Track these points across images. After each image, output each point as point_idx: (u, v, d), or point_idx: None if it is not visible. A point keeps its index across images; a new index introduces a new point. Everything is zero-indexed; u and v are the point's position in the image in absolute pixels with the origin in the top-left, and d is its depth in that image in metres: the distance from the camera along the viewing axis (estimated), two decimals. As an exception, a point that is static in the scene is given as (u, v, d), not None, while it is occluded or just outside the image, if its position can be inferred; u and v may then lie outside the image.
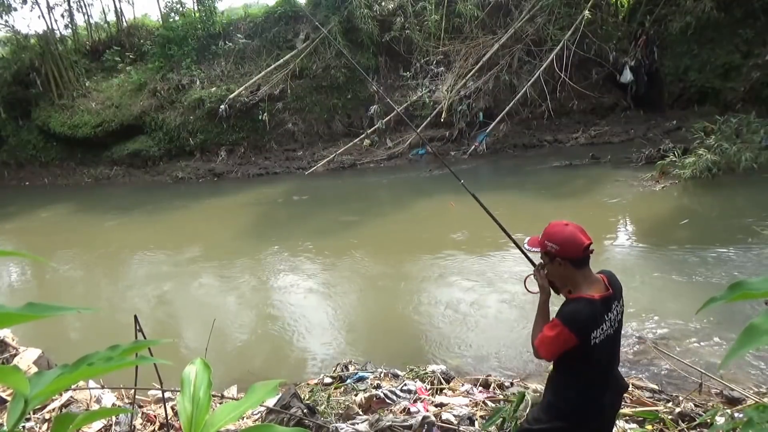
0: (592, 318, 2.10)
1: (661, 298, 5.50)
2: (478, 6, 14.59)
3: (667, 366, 4.28)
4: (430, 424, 3.30)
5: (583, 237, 2.16)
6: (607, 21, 14.26)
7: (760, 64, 12.23)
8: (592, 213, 8.52)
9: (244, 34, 16.55)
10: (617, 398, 2.40)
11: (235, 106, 15.11)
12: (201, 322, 6.29)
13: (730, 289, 0.68)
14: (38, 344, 5.25)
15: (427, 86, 14.64)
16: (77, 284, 8.56)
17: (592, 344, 2.09)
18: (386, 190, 12.16)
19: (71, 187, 16.65)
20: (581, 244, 2.15)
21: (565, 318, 2.12)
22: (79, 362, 0.73)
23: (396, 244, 8.38)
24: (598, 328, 2.11)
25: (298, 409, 3.38)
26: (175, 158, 16.19)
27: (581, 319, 2.10)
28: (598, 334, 2.11)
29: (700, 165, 8.84)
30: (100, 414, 1.85)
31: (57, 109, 17.24)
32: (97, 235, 11.11)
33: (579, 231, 2.18)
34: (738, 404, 3.51)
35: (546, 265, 2.28)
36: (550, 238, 2.20)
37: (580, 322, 2.09)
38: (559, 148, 13.27)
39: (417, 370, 4.38)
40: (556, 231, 2.20)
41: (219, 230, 10.45)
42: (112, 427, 3.74)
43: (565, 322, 2.11)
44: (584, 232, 2.19)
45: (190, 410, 0.89)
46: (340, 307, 6.38)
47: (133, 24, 19.58)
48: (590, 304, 2.12)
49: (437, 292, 6.32)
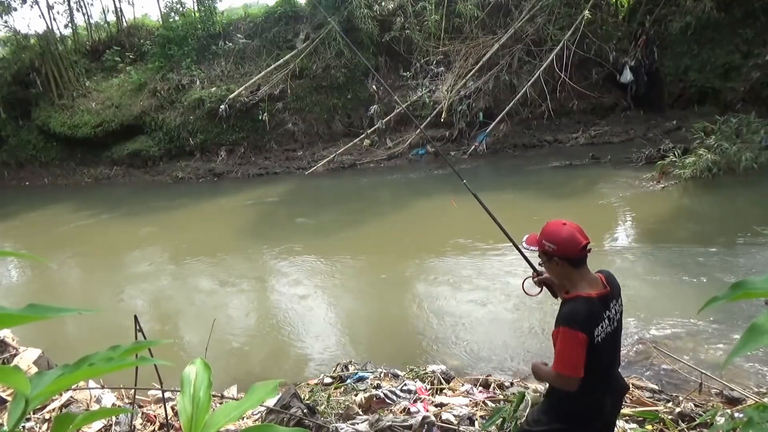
0: (592, 315, 2.09)
1: (661, 297, 5.50)
2: (478, 6, 14.59)
3: (667, 366, 4.28)
4: (430, 424, 3.30)
5: (581, 237, 2.16)
6: (607, 21, 14.27)
7: (760, 64, 12.23)
8: (592, 213, 8.52)
9: (244, 34, 16.55)
10: (618, 399, 2.39)
11: (235, 106, 15.11)
12: (201, 322, 6.29)
13: (732, 288, 0.68)
14: (38, 344, 5.25)
15: (427, 86, 14.64)
16: (77, 284, 8.56)
17: (595, 342, 2.07)
18: (386, 190, 12.16)
19: (71, 187, 16.66)
20: (579, 243, 2.14)
21: (565, 321, 2.10)
22: (79, 362, 0.73)
23: (396, 244, 8.38)
24: (598, 325, 2.09)
25: (298, 409, 3.38)
26: (175, 158, 16.19)
27: (581, 317, 2.08)
28: (599, 332, 2.09)
29: (700, 165, 8.84)
30: (101, 414, 1.85)
31: (57, 109, 17.24)
32: (96, 235, 11.10)
33: (577, 231, 2.18)
34: (738, 404, 3.50)
35: (543, 264, 2.28)
36: (548, 237, 2.19)
37: (581, 320, 2.07)
38: (559, 148, 13.27)
39: (417, 370, 4.38)
40: (554, 230, 2.19)
41: (219, 230, 10.44)
42: (112, 427, 3.74)
43: (567, 324, 2.08)
44: (582, 232, 2.18)
45: (190, 410, 0.89)
46: (340, 307, 6.38)
47: (133, 24, 19.60)
48: (588, 301, 2.10)
49: (437, 292, 6.31)
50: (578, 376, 2.06)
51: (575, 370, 2.05)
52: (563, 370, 2.09)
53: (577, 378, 2.06)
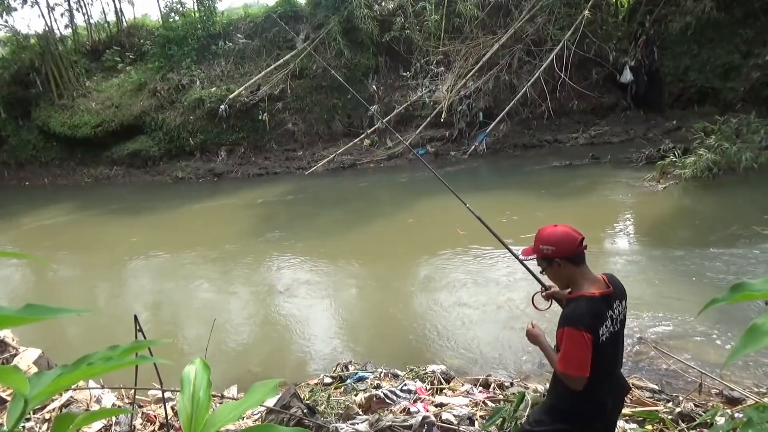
0: (595, 314, 2.08)
1: (661, 298, 5.49)
2: (478, 6, 14.59)
3: (666, 366, 4.28)
4: (430, 424, 3.30)
5: (575, 233, 2.19)
6: (607, 21, 14.27)
7: (760, 64, 12.23)
8: (592, 213, 8.51)
9: (244, 34, 16.55)
10: (619, 400, 2.39)
11: (235, 106, 15.11)
12: (201, 322, 6.29)
13: (732, 290, 0.67)
14: (38, 344, 5.25)
15: (427, 86, 14.64)
16: (77, 284, 8.55)
17: (600, 342, 2.07)
18: (386, 190, 12.16)
19: (71, 187, 16.65)
20: (575, 239, 2.17)
21: (569, 321, 2.09)
22: (79, 362, 0.73)
23: (396, 244, 8.38)
24: (603, 325, 2.08)
25: (298, 409, 3.38)
26: (175, 158, 16.19)
27: (586, 316, 2.07)
28: (604, 331, 2.08)
29: (700, 165, 8.84)
30: (101, 414, 1.85)
31: (57, 109, 17.24)
32: (96, 235, 11.10)
33: (570, 229, 2.21)
34: (738, 404, 3.50)
35: (545, 270, 2.27)
36: (544, 241, 2.20)
37: (585, 319, 2.06)
38: (559, 148, 13.26)
39: (417, 370, 4.38)
40: (549, 233, 2.21)
41: (219, 230, 10.44)
42: (112, 427, 3.74)
43: (571, 324, 2.07)
44: (575, 229, 2.21)
45: (190, 410, 0.88)
46: (340, 307, 6.38)
47: (133, 24, 19.59)
48: (590, 300, 2.10)
49: (437, 292, 6.31)
50: (584, 376, 2.06)
51: (581, 370, 2.05)
52: (570, 370, 2.08)
53: (583, 378, 2.06)
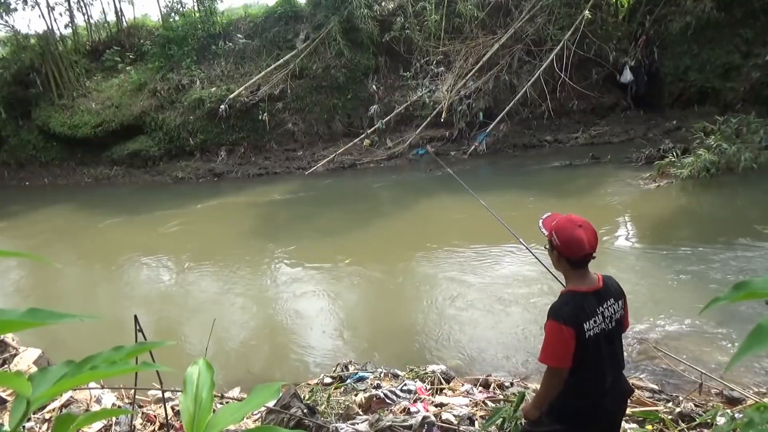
0: (579, 308, 2.12)
1: (661, 297, 5.50)
2: (478, 6, 14.58)
3: (666, 366, 4.28)
4: (430, 424, 3.30)
5: (587, 245, 2.15)
6: (607, 21, 14.26)
7: (760, 64, 12.23)
8: (592, 213, 8.51)
9: (244, 34, 16.53)
10: (621, 403, 2.39)
11: (235, 106, 15.10)
12: (201, 322, 6.29)
13: (735, 289, 0.67)
14: (38, 344, 5.26)
15: (427, 86, 14.63)
16: (77, 284, 8.55)
17: (586, 337, 2.11)
18: (386, 190, 12.16)
19: (71, 187, 16.64)
20: (581, 251, 2.15)
21: (551, 314, 2.16)
22: (82, 363, 0.73)
23: (396, 244, 8.37)
24: (589, 320, 2.11)
25: (298, 409, 3.38)
26: (175, 158, 16.17)
27: (567, 310, 2.12)
28: (591, 326, 2.11)
29: (698, 165, 8.85)
30: (101, 415, 1.85)
31: (57, 109, 17.21)
32: (97, 235, 11.10)
33: (586, 237, 2.16)
34: (738, 404, 3.51)
35: (547, 249, 2.32)
36: (558, 232, 2.20)
37: (566, 313, 2.11)
38: (559, 148, 13.26)
39: (417, 370, 4.38)
40: (566, 228, 2.19)
41: (219, 230, 10.44)
42: (112, 427, 3.74)
43: (552, 317, 2.14)
44: (593, 239, 2.17)
45: (192, 410, 0.88)
46: (340, 307, 6.38)
47: (133, 24, 19.56)
48: (575, 295, 2.16)
49: (437, 292, 6.31)
50: (563, 367, 2.12)
51: (558, 361, 2.13)
52: (549, 361, 2.16)
53: (563, 369, 2.13)
